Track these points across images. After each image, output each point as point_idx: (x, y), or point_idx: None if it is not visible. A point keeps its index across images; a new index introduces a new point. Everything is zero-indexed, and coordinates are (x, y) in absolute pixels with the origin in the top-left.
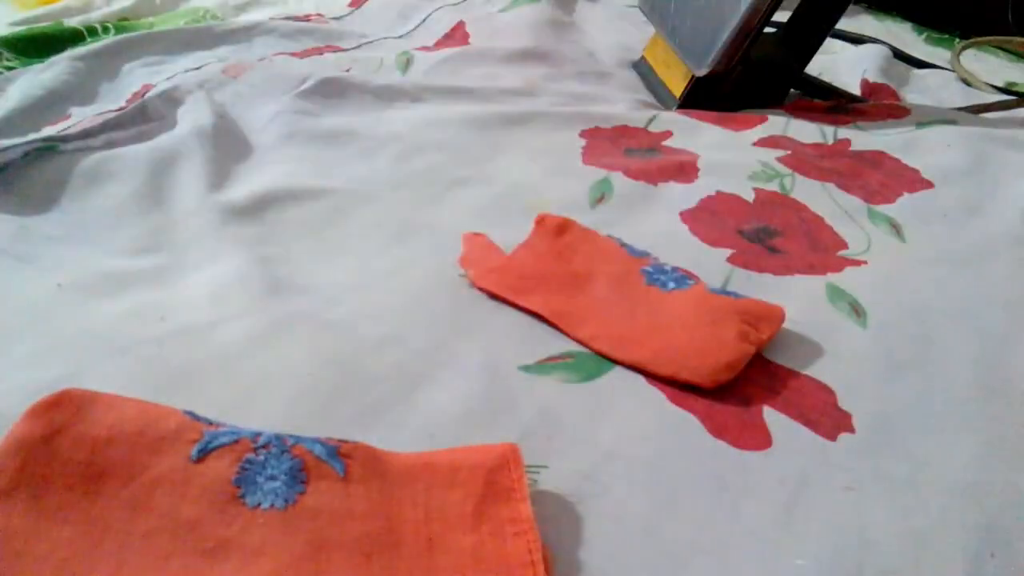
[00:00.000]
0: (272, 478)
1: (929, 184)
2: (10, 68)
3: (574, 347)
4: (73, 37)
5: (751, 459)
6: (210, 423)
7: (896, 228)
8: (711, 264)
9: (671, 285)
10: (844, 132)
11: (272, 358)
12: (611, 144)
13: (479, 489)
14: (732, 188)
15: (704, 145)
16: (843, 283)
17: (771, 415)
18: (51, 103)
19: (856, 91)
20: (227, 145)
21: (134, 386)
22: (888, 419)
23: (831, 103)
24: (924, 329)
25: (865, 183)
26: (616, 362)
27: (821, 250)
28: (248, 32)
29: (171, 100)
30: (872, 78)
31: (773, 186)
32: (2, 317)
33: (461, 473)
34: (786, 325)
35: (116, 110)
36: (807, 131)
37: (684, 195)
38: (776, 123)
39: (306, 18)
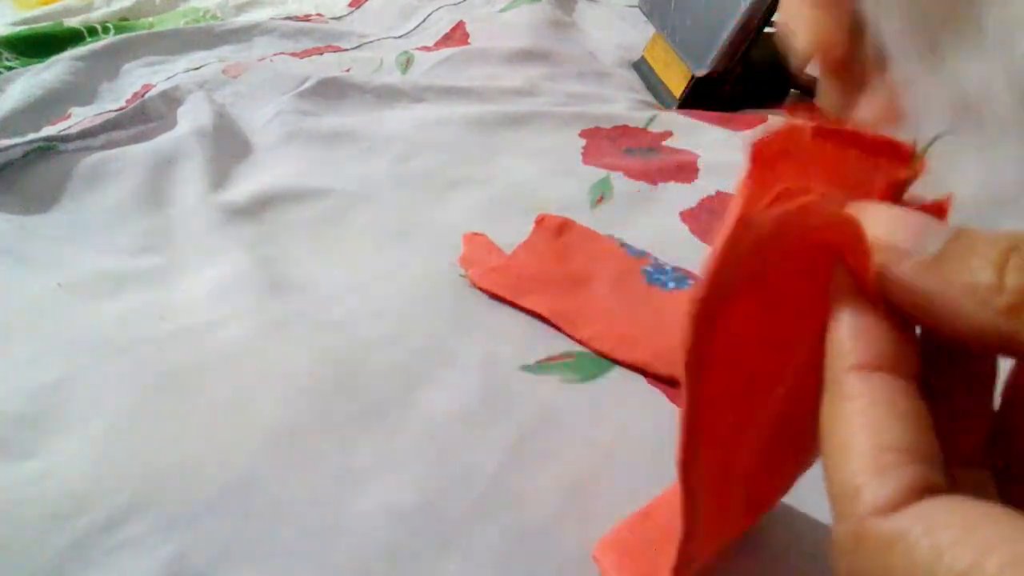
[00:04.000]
0: None
1: None
2: (10, 68)
3: (574, 347)
4: (73, 37)
5: None
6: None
7: None
8: None
9: (671, 285)
10: None
11: (272, 358)
12: (611, 144)
13: None
14: (732, 188)
15: (704, 145)
16: None
17: None
18: (51, 103)
19: None
20: (227, 145)
21: (134, 386)
22: None
23: None
24: None
25: None
26: (616, 362)
27: None
28: (248, 32)
29: (171, 100)
30: None
31: None
32: (2, 317)
33: None
34: None
35: (116, 110)
36: None
37: (684, 195)
38: (776, 123)
39: (306, 18)
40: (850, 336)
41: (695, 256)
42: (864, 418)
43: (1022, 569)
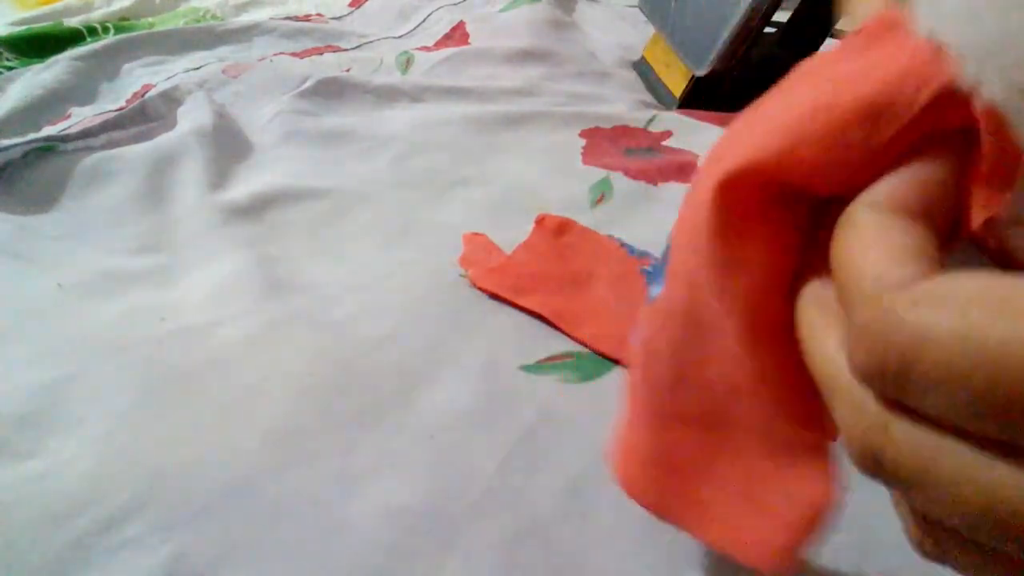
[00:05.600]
0: None
1: None
2: (10, 68)
3: (574, 347)
4: (73, 37)
5: None
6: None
7: None
8: None
9: None
10: None
11: (272, 358)
12: (611, 144)
13: None
14: None
15: (704, 145)
16: None
17: None
18: (51, 103)
19: None
20: (227, 145)
21: (134, 386)
22: None
23: None
24: None
25: None
26: (616, 362)
27: None
28: (248, 32)
29: (171, 100)
30: None
31: None
32: (2, 317)
33: None
34: None
35: (116, 110)
36: None
37: (684, 195)
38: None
39: (306, 18)
40: (877, 186)
41: None
42: (878, 230)
43: None
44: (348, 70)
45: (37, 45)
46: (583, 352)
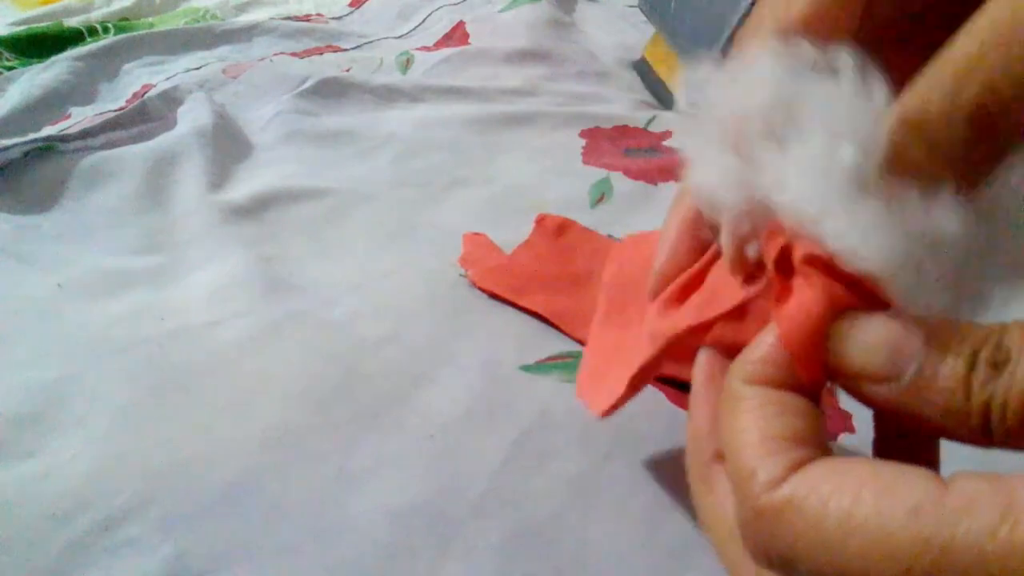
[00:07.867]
0: None
1: None
2: (10, 68)
3: (574, 347)
4: (73, 37)
5: None
6: None
7: None
8: None
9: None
10: None
11: (271, 358)
12: (611, 144)
13: None
14: None
15: None
16: None
17: None
18: (51, 103)
19: None
20: (227, 145)
21: (134, 386)
22: None
23: None
24: None
25: None
26: None
27: None
28: (248, 32)
29: (171, 100)
30: None
31: None
32: (2, 317)
33: None
34: None
35: (116, 110)
36: None
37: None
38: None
39: (306, 18)
40: (745, 359)
41: None
42: (754, 414)
43: (889, 496)
44: (348, 70)
45: (37, 45)
46: (583, 352)
